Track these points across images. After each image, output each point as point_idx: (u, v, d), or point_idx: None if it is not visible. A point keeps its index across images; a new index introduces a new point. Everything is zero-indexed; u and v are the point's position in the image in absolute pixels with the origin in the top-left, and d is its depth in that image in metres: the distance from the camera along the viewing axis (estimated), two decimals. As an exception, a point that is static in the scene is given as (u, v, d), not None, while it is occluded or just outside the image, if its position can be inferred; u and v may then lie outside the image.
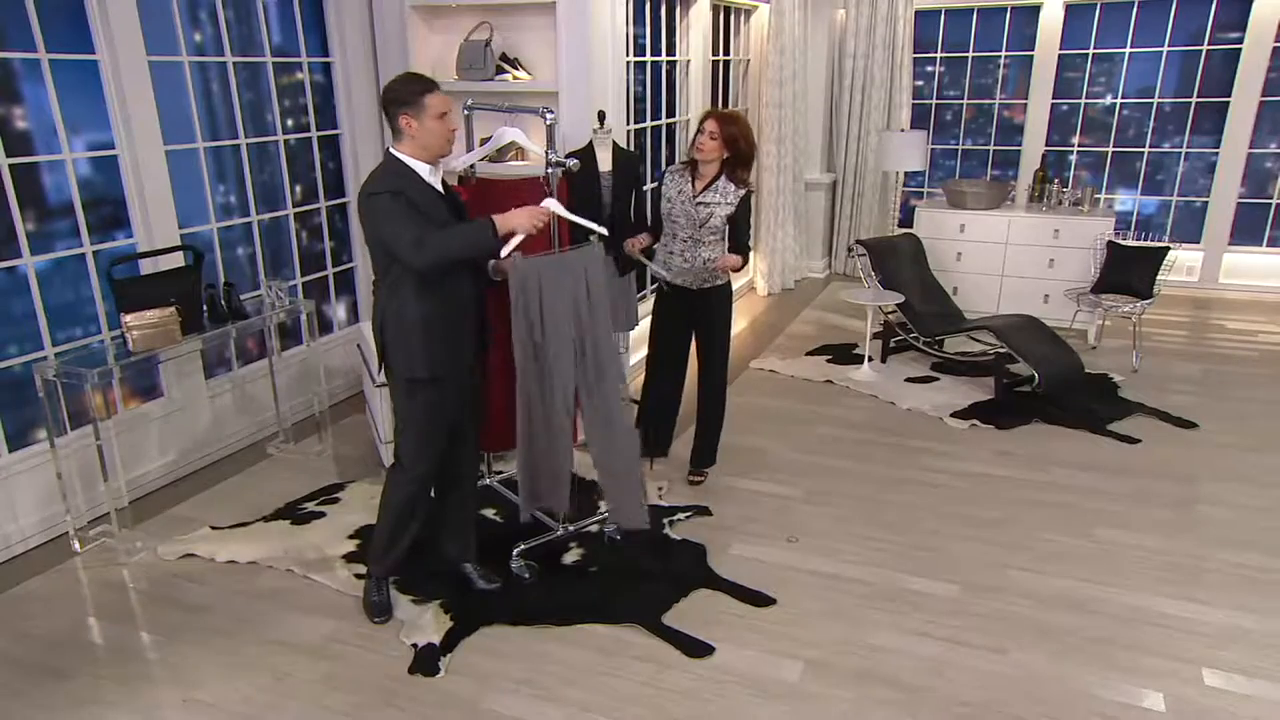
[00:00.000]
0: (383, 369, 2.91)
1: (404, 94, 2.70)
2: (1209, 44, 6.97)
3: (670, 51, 5.95)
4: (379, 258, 2.79)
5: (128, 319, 3.45)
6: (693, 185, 3.63)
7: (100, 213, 3.79)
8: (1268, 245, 7.20)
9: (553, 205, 3.02)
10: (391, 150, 2.77)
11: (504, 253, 2.89)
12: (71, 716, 2.62)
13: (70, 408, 3.57)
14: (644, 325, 4.34)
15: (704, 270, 3.69)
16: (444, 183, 2.88)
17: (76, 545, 3.52)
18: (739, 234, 3.69)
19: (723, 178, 3.60)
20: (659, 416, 4.13)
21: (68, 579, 3.34)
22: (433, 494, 3.13)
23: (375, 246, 2.76)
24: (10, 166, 3.39)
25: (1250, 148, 6.97)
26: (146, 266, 3.83)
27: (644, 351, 5.41)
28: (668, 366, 4.00)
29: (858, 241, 5.92)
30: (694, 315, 3.82)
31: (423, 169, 2.76)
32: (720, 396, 4.00)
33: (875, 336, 5.72)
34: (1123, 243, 5.77)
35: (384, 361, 2.88)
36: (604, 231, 3.02)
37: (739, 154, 3.56)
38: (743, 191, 3.62)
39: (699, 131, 3.55)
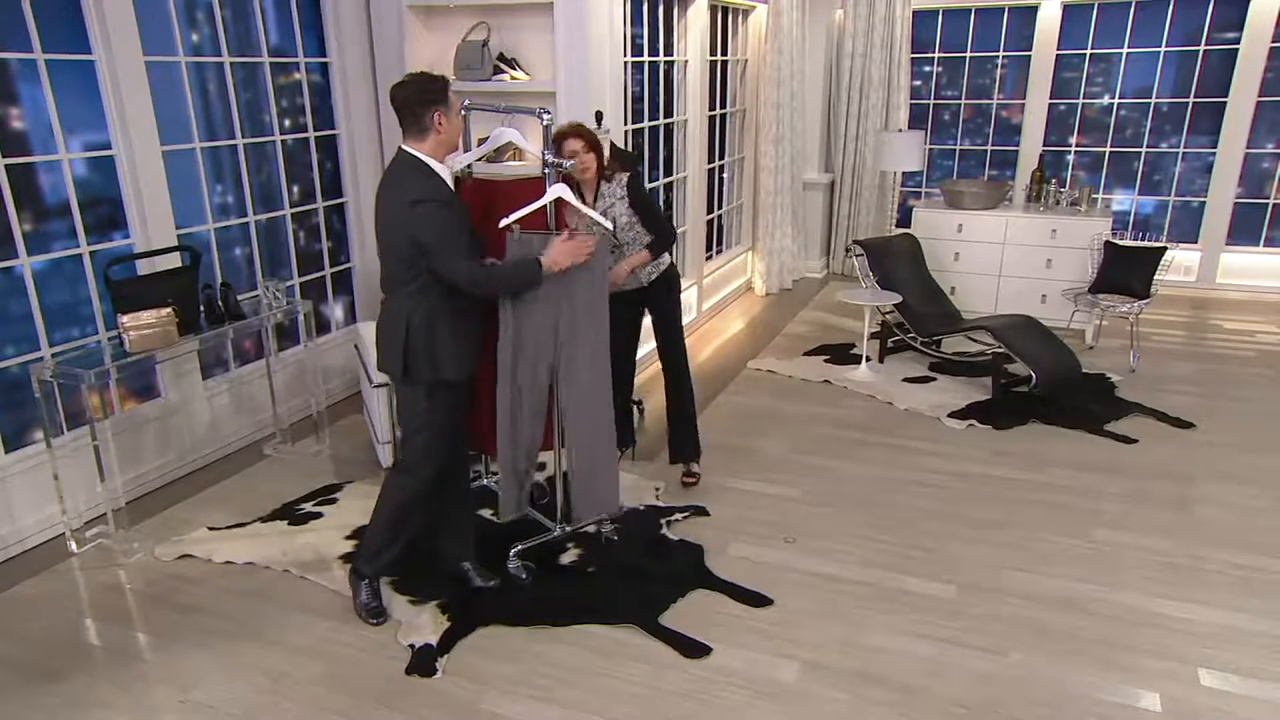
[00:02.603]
0: (404, 371, 2.85)
1: (435, 91, 2.69)
2: (1206, 44, 6.98)
3: (668, 52, 5.95)
4: (406, 260, 2.74)
5: (125, 320, 3.45)
6: (585, 202, 3.51)
7: (97, 213, 3.78)
8: (1265, 245, 7.21)
9: (563, 192, 3.05)
10: (412, 151, 2.73)
11: (502, 224, 2.97)
12: (68, 717, 2.62)
13: (67, 408, 3.56)
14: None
15: (648, 264, 3.68)
16: None
17: (73, 546, 3.52)
18: (650, 220, 3.57)
19: (600, 182, 3.53)
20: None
21: (65, 580, 3.34)
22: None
23: (409, 250, 2.72)
24: (7, 167, 3.39)
25: (1247, 147, 6.98)
26: (143, 267, 3.83)
27: (642, 351, 5.41)
28: (618, 366, 3.90)
29: (855, 241, 5.93)
30: (644, 308, 3.85)
31: (443, 170, 2.77)
32: (688, 381, 3.95)
33: (873, 336, 5.72)
34: (1120, 243, 5.77)
35: (405, 364, 2.83)
36: (609, 225, 3.05)
37: (600, 152, 3.49)
38: (625, 177, 3.52)
39: (569, 155, 3.37)
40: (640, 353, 5.38)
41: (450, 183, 2.82)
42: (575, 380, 3.11)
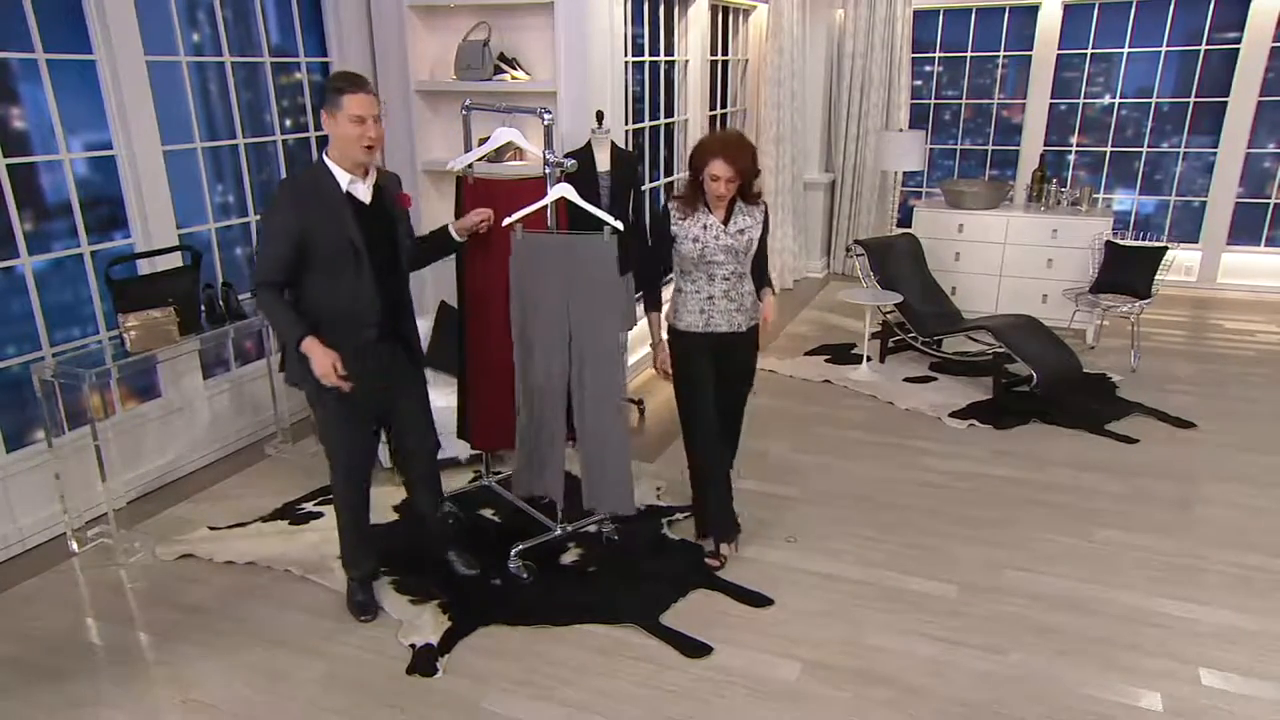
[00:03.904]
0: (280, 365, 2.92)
1: (327, 89, 2.64)
2: (1207, 44, 6.97)
3: (669, 51, 5.95)
4: None
5: (126, 319, 3.45)
6: (715, 216, 3.12)
7: (98, 213, 3.79)
8: (1266, 245, 7.20)
9: (565, 191, 3.09)
10: (324, 151, 2.73)
11: (505, 222, 2.98)
12: (70, 717, 2.62)
13: (68, 408, 3.57)
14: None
15: (753, 307, 3.25)
16: (380, 189, 2.79)
17: (74, 546, 3.52)
18: (763, 256, 3.29)
19: (739, 200, 3.14)
20: (719, 482, 3.40)
21: (66, 579, 3.34)
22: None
23: None
24: (8, 166, 3.39)
25: (1248, 147, 6.98)
26: (144, 267, 3.83)
27: (641, 352, 5.43)
28: (709, 417, 3.30)
29: (856, 241, 5.92)
30: (728, 358, 3.26)
31: (342, 177, 2.69)
32: (736, 445, 3.54)
33: (874, 336, 5.72)
34: (1121, 242, 5.77)
35: (283, 366, 2.87)
36: (619, 226, 3.03)
37: (751, 179, 3.09)
38: (763, 207, 3.21)
39: (709, 178, 3.01)
40: (638, 355, 5.40)
41: (359, 193, 2.73)
42: (584, 379, 3.12)
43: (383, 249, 2.80)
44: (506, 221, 3.01)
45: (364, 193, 2.75)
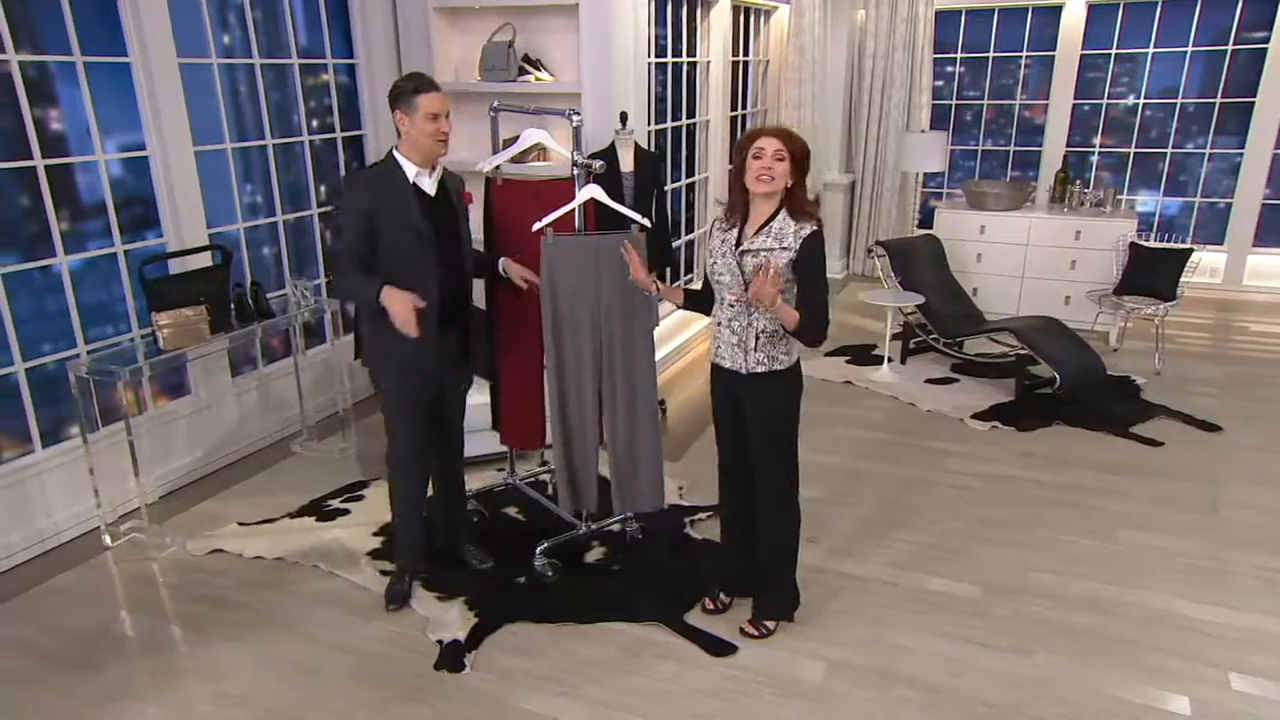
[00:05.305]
0: (355, 352, 3.07)
1: (399, 91, 2.77)
2: (1234, 44, 6.91)
3: (691, 52, 5.96)
4: None
5: (158, 317, 3.50)
6: (740, 231, 2.70)
7: (131, 213, 3.85)
8: (1292, 247, 7.14)
9: (595, 192, 3.12)
10: (392, 147, 2.85)
11: (535, 228, 3.02)
12: (103, 709, 2.67)
13: (102, 405, 3.63)
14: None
15: (760, 351, 2.71)
16: (444, 185, 2.92)
17: (107, 540, 3.58)
18: (808, 292, 2.64)
19: (781, 214, 2.63)
20: (735, 537, 3.06)
21: (99, 573, 3.40)
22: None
23: None
24: (46, 167, 3.45)
25: (1275, 148, 6.91)
26: (176, 266, 3.89)
27: (663, 351, 5.45)
28: (734, 464, 2.95)
29: (877, 242, 5.92)
30: (743, 402, 2.82)
31: (409, 169, 2.82)
32: (777, 515, 2.90)
33: (895, 337, 5.71)
34: (1145, 244, 5.73)
35: (356, 346, 3.04)
36: (646, 223, 3.09)
37: (803, 167, 2.63)
38: (806, 230, 2.61)
39: (753, 157, 2.58)
40: (665, 351, 5.42)
41: (425, 185, 2.85)
42: (616, 375, 3.13)
43: (446, 239, 2.92)
44: (536, 227, 3.02)
45: (429, 185, 2.88)
